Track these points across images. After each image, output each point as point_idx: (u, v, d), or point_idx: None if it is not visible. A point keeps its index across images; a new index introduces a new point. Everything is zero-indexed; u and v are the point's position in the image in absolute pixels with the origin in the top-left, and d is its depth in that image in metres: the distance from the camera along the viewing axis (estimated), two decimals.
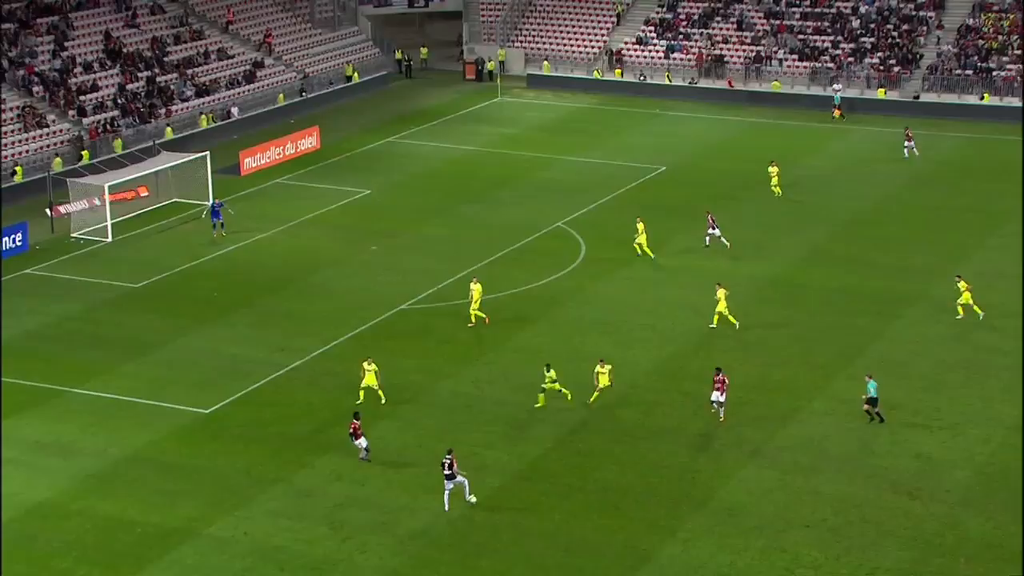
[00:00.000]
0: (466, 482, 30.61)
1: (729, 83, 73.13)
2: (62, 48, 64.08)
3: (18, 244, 47.96)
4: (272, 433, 34.38)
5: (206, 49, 69.89)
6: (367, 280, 44.85)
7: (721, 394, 34.47)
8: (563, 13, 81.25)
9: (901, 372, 37.72)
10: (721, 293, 40.38)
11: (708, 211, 47.52)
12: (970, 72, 69.49)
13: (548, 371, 35.34)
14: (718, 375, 34.68)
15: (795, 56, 73.61)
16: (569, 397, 35.27)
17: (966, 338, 39.89)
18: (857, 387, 36.64)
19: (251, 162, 58.82)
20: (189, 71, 67.60)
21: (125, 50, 66.15)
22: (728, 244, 46.47)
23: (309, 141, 62.44)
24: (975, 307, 40.70)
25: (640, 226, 46.72)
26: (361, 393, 35.59)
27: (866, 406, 34.52)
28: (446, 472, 30.46)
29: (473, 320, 40.34)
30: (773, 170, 53.78)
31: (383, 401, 35.60)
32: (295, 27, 77.03)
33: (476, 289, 40.82)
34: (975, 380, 37.10)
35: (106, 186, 49.89)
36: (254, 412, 35.54)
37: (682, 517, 30.35)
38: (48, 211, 51.03)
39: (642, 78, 74.82)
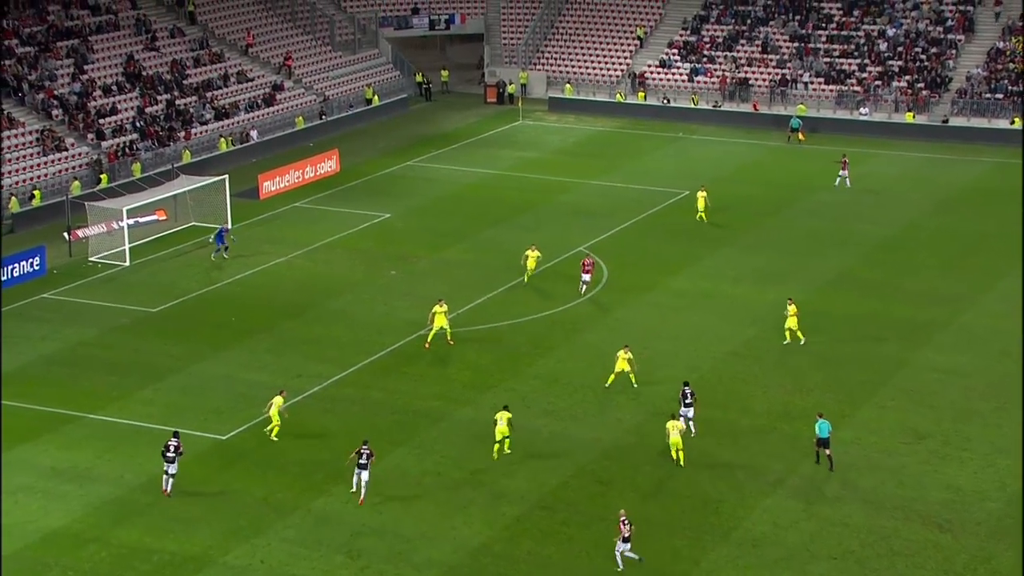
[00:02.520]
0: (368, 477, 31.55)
1: (754, 107, 73.21)
2: (81, 71, 64.72)
3: (36, 268, 48.34)
4: (289, 460, 34.47)
5: (225, 72, 70.44)
6: (386, 305, 44.99)
7: (690, 408, 34.97)
8: (586, 36, 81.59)
9: (930, 401, 37.54)
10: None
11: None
12: (1000, 95, 69.35)
13: (500, 420, 33.86)
14: (686, 390, 35.21)
15: (821, 79, 73.65)
16: (505, 450, 33.88)
17: (995, 367, 39.69)
18: (886, 415, 36.52)
19: (270, 186, 59.17)
20: (208, 94, 68.11)
21: (144, 73, 66.74)
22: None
23: (328, 164, 62.80)
24: (798, 333, 40.76)
25: (701, 195, 52.46)
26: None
27: (817, 448, 33.46)
28: (361, 462, 31.81)
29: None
30: (701, 195, 53.39)
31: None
32: (315, 50, 77.59)
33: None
34: (1006, 409, 36.88)
35: (124, 210, 50.26)
36: (270, 440, 35.60)
37: (705, 548, 30.23)
38: (66, 235, 51.45)
39: (665, 101, 74.97)
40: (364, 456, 32.29)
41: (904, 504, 32.06)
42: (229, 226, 51.76)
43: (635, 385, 37.91)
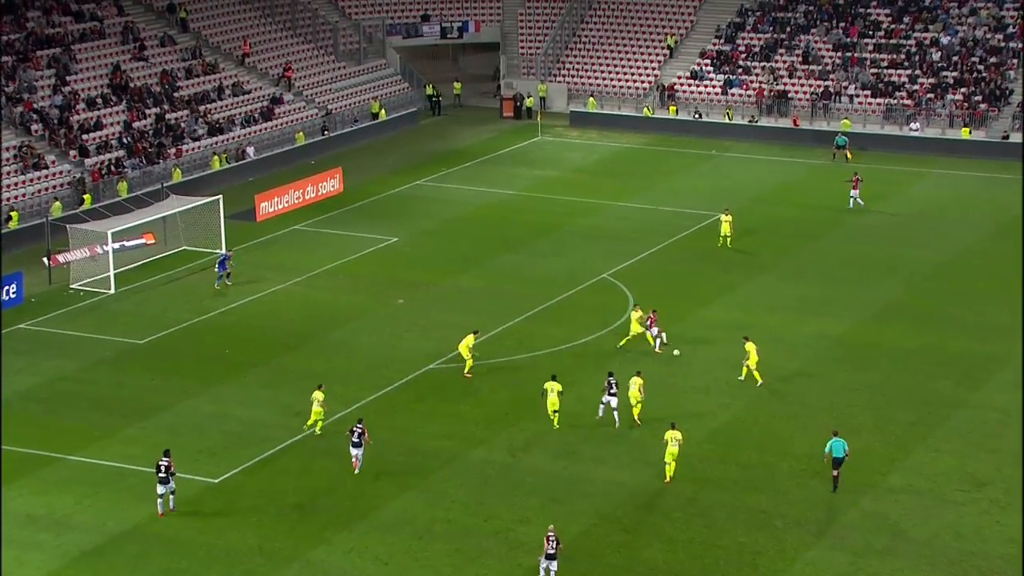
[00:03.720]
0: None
1: (794, 122, 73.29)
2: (63, 83, 65.17)
3: (13, 296, 48.57)
4: (287, 505, 34.47)
5: (220, 84, 70.89)
6: (393, 336, 45.05)
7: (614, 398, 37.71)
8: (610, 45, 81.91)
9: (989, 444, 37.35)
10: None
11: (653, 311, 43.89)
12: None
13: (550, 391, 37.65)
14: (610, 380, 38.10)
15: (868, 92, 73.73)
16: (555, 426, 36.30)
17: None
18: (941, 460, 36.35)
19: (267, 207, 59.45)
20: (201, 108, 68.51)
21: (132, 85, 67.18)
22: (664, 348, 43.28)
23: (331, 184, 63.08)
24: (756, 373, 40.55)
25: (726, 219, 52.73)
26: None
27: (834, 471, 34.35)
28: (354, 440, 33.76)
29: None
30: (726, 219, 53.32)
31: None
32: (317, 60, 78.06)
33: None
34: None
35: (109, 233, 50.54)
36: (268, 482, 35.67)
37: None
38: (46, 260, 51.71)
39: (697, 116, 75.13)
40: (356, 435, 35.15)
41: (962, 559, 31.83)
42: (231, 252, 51.96)
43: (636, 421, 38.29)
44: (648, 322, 43.73)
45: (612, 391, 38.25)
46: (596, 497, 34.63)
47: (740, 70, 77.12)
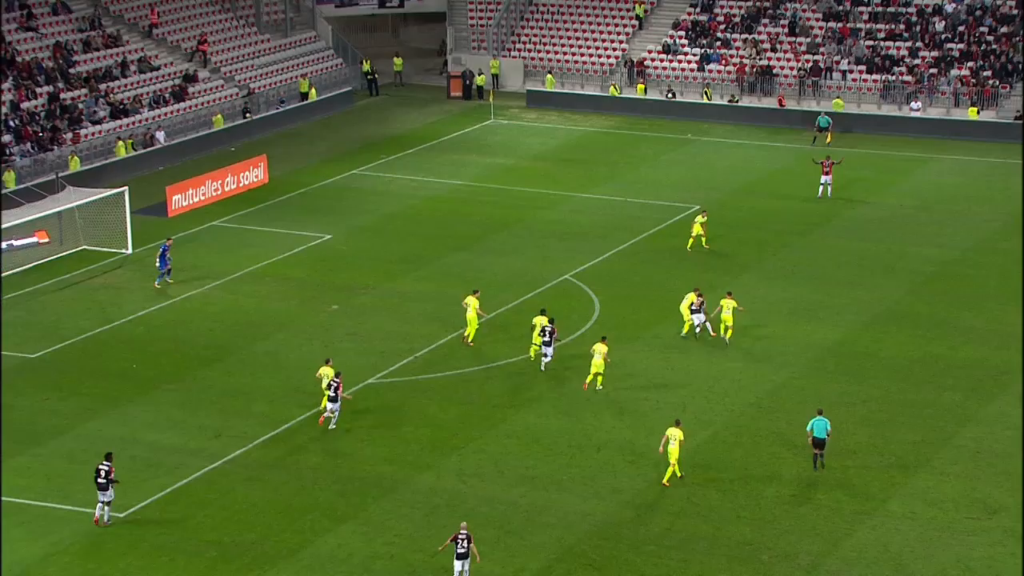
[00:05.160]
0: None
1: (780, 101, 73.87)
2: None
3: None
4: (204, 542, 34.34)
5: (124, 59, 70.58)
6: (326, 348, 44.99)
7: (549, 347, 42.18)
8: (572, 15, 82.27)
9: (1002, 467, 37.77)
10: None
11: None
12: None
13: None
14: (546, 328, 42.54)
15: (862, 68, 74.45)
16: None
17: None
18: (947, 484, 36.70)
19: (181, 200, 59.23)
20: (102, 86, 68.20)
21: (19, 60, 66.75)
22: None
23: (254, 174, 62.92)
24: (722, 328, 44.53)
25: (699, 220, 52.82)
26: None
27: (814, 451, 36.28)
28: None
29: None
30: (700, 220, 53.54)
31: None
32: (237, 32, 77.87)
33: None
34: None
35: None
36: (182, 515, 35.52)
37: None
38: None
39: (670, 95, 75.55)
40: (333, 389, 39.15)
41: None
42: (170, 240, 51.59)
43: (599, 388, 41.52)
44: (696, 307, 45.29)
45: (547, 340, 42.75)
46: (558, 528, 34.75)
47: (718, 43, 77.66)
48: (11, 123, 63.32)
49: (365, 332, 46.19)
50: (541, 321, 43.55)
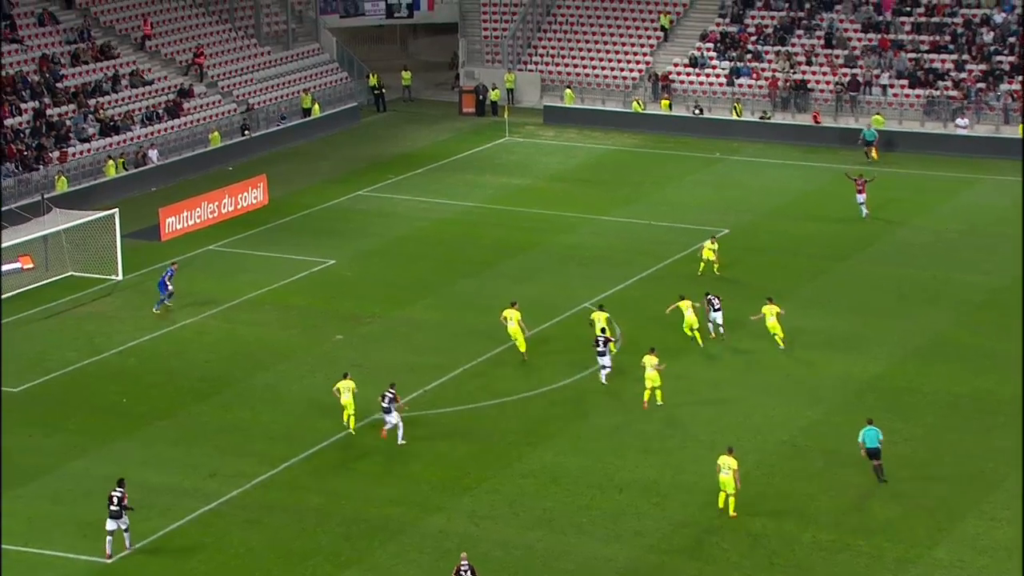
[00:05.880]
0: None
1: (815, 118, 73.90)
2: None
3: None
4: None
5: (115, 72, 70.89)
6: (329, 381, 45.00)
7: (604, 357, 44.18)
8: (592, 26, 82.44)
9: None
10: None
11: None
12: None
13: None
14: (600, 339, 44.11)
15: (904, 82, 74.46)
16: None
17: None
18: (998, 531, 36.49)
19: (175, 223, 59.40)
20: (91, 101, 68.47)
21: (3, 73, 67.04)
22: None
23: (253, 195, 63.09)
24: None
25: (708, 245, 53.53)
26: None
27: (875, 462, 37.32)
28: (384, 406, 38.25)
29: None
30: (710, 246, 53.83)
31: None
32: (235, 43, 78.19)
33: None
34: None
35: None
36: (174, 562, 35.51)
37: None
38: None
39: (697, 112, 75.62)
40: (387, 400, 40.45)
41: None
42: (175, 265, 51.93)
43: (660, 404, 42.67)
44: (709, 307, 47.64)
45: (600, 350, 44.20)
46: (578, 575, 34.63)
47: (749, 56, 77.74)
48: None
49: (371, 364, 46.23)
50: (601, 318, 45.35)
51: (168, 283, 50.57)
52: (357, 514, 37.31)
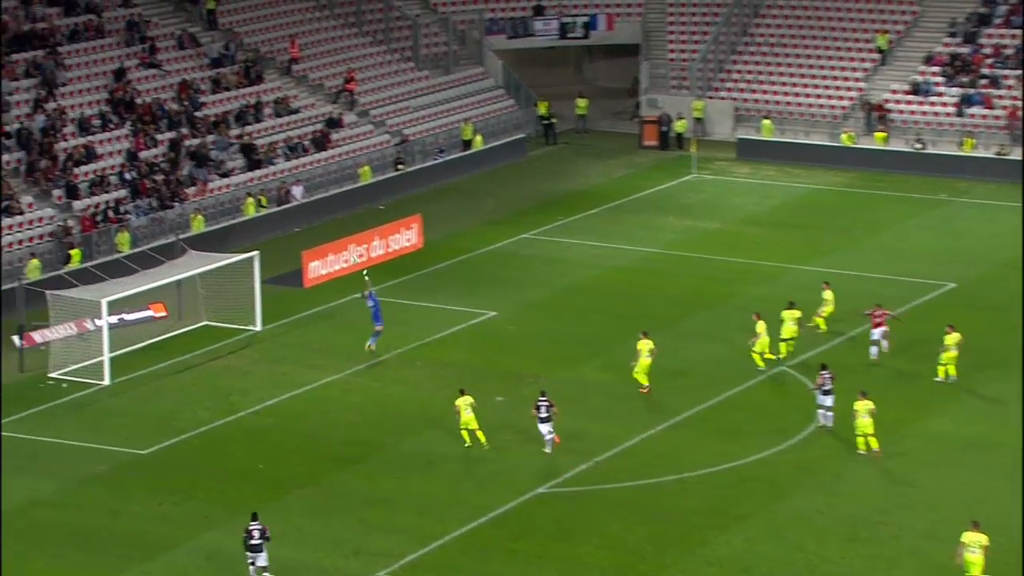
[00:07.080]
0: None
1: None
2: (48, 97, 66.65)
3: None
4: None
5: (258, 99, 72.12)
6: (489, 447, 45.20)
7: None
8: (795, 47, 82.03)
9: None
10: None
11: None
12: None
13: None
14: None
15: None
16: None
17: None
18: None
19: (319, 267, 60.21)
20: (232, 132, 69.69)
21: (139, 101, 68.62)
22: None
23: (406, 237, 63.76)
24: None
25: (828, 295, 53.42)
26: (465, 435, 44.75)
27: None
28: (542, 415, 43.63)
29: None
30: (827, 295, 53.58)
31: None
32: (390, 68, 79.15)
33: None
34: None
35: (104, 302, 51.46)
36: None
37: None
38: (17, 339, 52.74)
39: (919, 146, 74.74)
40: (544, 409, 44.01)
41: None
42: (372, 290, 53.12)
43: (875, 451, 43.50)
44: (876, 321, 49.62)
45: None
46: None
47: (984, 81, 76.67)
48: (127, 176, 64.37)
49: (535, 430, 46.31)
50: (792, 316, 47.78)
51: (379, 314, 52.05)
52: None
